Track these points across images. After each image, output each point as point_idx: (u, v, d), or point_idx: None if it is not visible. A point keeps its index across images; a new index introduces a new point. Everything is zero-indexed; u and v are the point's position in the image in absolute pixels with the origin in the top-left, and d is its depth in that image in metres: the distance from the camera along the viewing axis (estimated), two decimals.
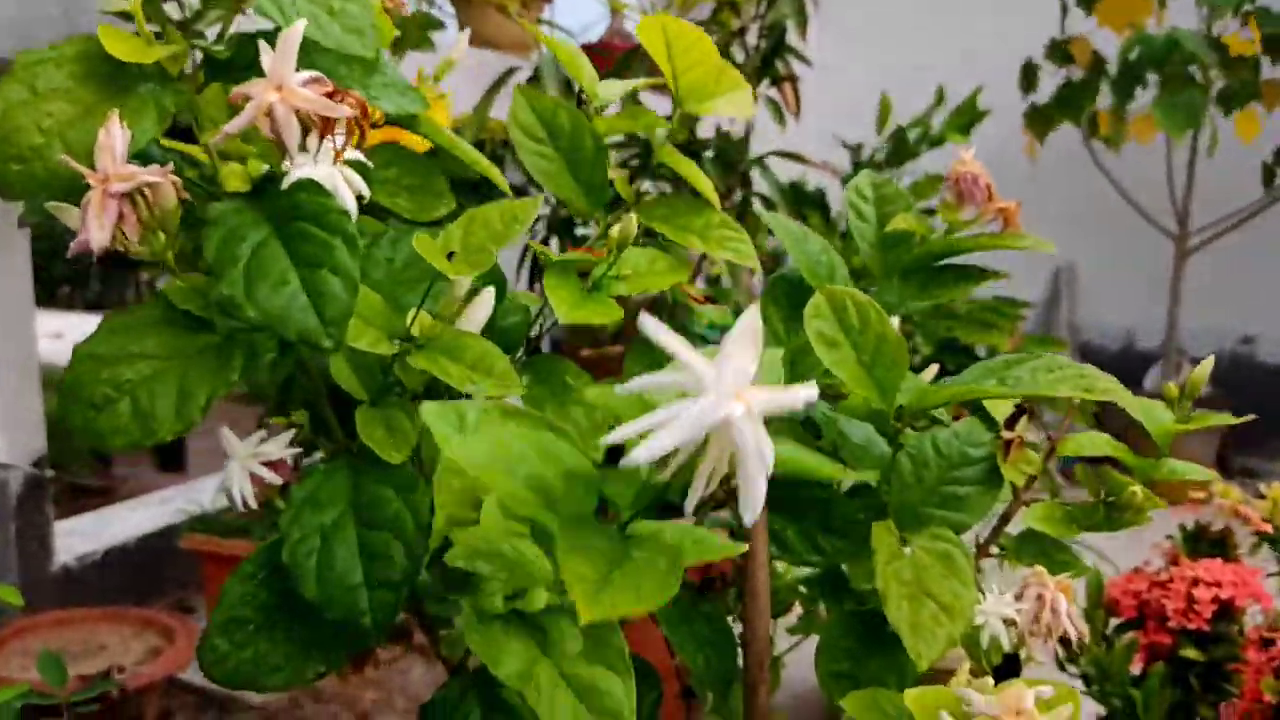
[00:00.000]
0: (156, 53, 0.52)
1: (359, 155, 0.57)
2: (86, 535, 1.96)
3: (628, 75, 1.49)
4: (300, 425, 0.63)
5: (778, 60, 2.13)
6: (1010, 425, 0.70)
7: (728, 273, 1.97)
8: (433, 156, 0.65)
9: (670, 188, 1.71)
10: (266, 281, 0.51)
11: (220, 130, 0.50)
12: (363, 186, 0.58)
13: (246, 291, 0.51)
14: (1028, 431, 0.70)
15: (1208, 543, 1.37)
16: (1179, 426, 0.68)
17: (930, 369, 0.81)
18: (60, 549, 1.84)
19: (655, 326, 0.35)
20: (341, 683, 1.66)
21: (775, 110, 2.19)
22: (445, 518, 0.54)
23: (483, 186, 0.74)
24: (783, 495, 0.72)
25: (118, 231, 0.51)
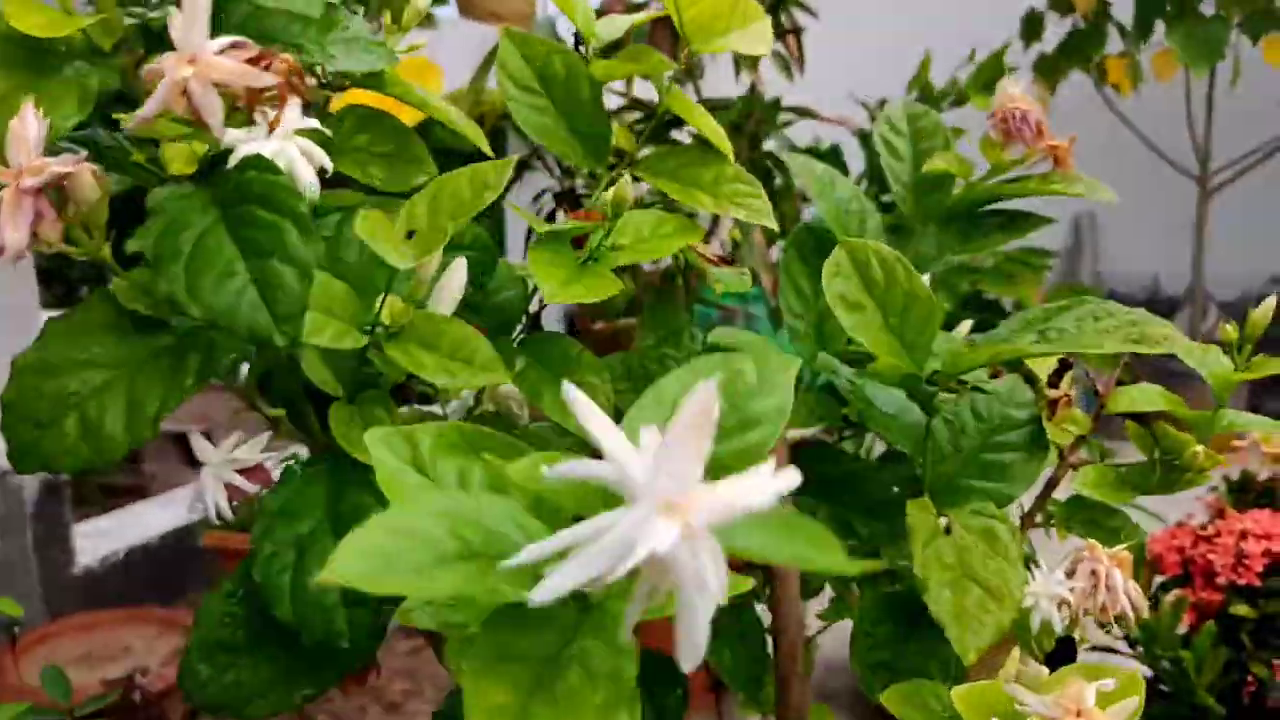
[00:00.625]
0: (76, 23, 0.47)
1: (314, 123, 0.51)
2: (108, 536, 1.92)
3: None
4: (278, 425, 0.58)
5: (781, 12, 2.05)
6: (1054, 382, 0.64)
7: (743, 240, 1.90)
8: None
9: None
10: (210, 274, 0.45)
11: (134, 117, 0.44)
12: (323, 158, 0.52)
13: (189, 287, 0.45)
14: (1072, 388, 0.64)
15: (1255, 493, 1.31)
16: (1241, 375, 0.62)
17: (963, 325, 0.75)
18: (81, 551, 1.81)
19: (579, 400, 0.28)
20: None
21: (782, 65, 2.11)
22: None
23: (477, 156, 0.68)
24: (810, 472, 0.66)
25: (37, 231, 0.46)
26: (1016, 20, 2.77)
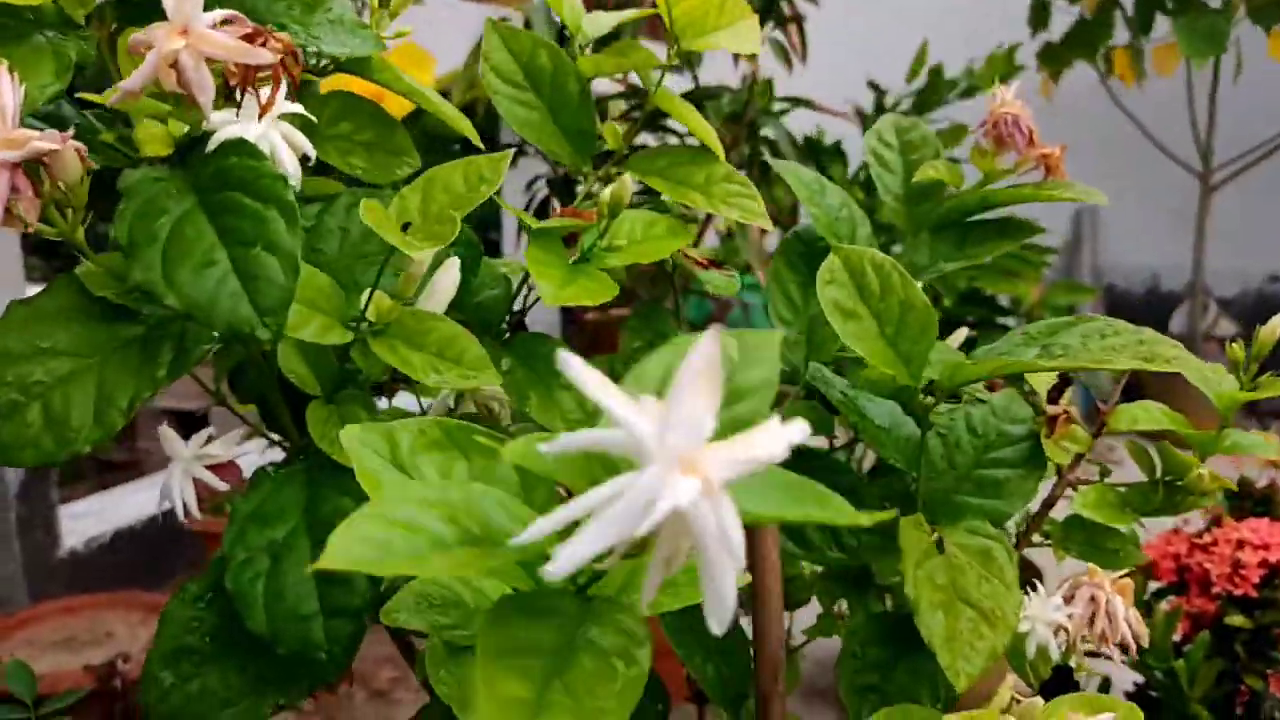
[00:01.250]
0: None
1: (298, 108, 0.49)
2: (94, 518, 1.90)
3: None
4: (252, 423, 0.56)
5: (782, 1, 2.02)
6: (1054, 398, 0.62)
7: (738, 230, 1.88)
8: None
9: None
10: (189, 262, 0.43)
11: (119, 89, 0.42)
12: (306, 145, 0.50)
13: (165, 275, 0.43)
14: (1072, 404, 0.62)
15: (1252, 500, 1.29)
16: (1246, 395, 0.60)
17: (959, 333, 0.73)
18: (67, 532, 1.79)
19: (575, 365, 0.27)
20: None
21: (782, 54, 2.08)
22: None
23: (467, 143, 0.66)
24: None
25: (13, 207, 0.43)
26: (1024, 8, 2.74)
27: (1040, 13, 2.76)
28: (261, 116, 0.44)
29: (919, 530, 0.56)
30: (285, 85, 0.46)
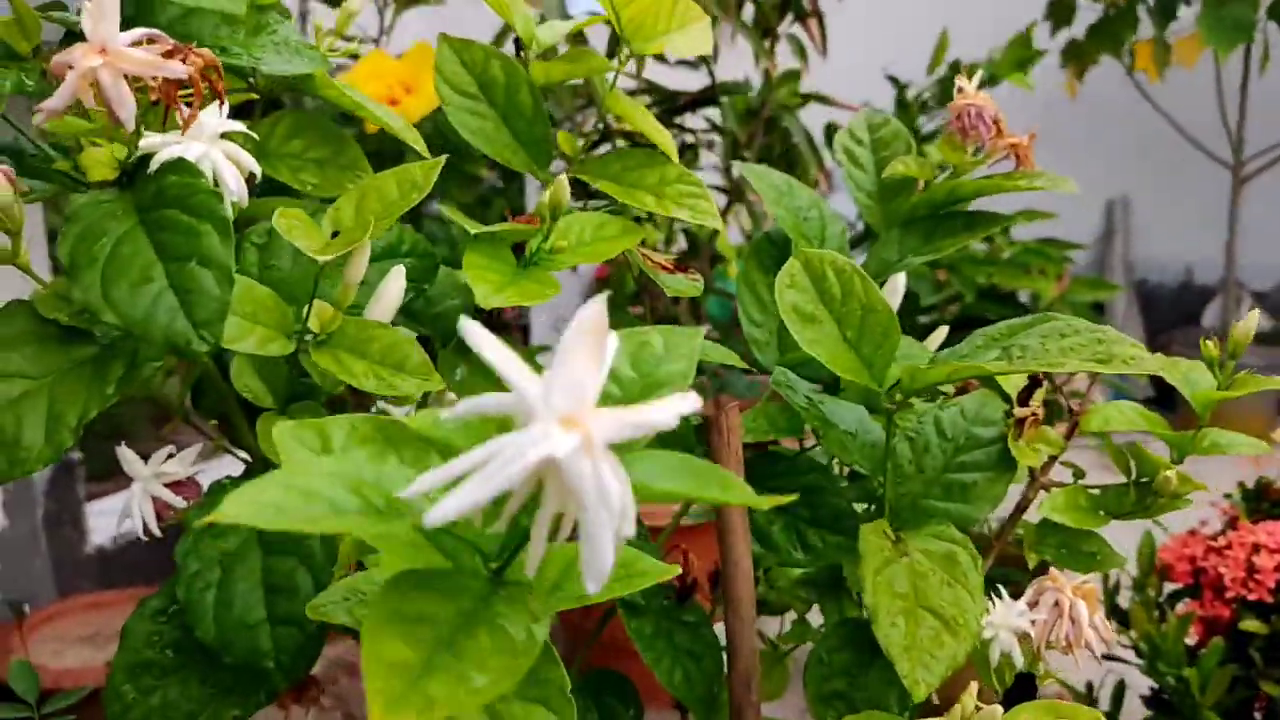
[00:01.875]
0: None
1: (240, 127, 0.49)
2: (122, 514, 1.93)
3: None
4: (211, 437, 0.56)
5: None
6: (1024, 399, 0.61)
7: (754, 224, 1.86)
8: (347, 122, 0.57)
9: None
10: (126, 280, 0.44)
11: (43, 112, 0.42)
12: (251, 163, 0.50)
13: (104, 294, 0.44)
14: (1044, 403, 0.61)
15: (1270, 503, 1.26)
16: (1221, 395, 0.58)
17: (937, 333, 0.72)
18: (94, 529, 1.82)
19: (475, 332, 0.28)
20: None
21: (799, 49, 2.07)
22: (351, 541, 0.46)
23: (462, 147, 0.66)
24: (768, 483, 0.64)
25: None
26: (1044, 3, 2.71)
27: (1061, 9, 2.72)
28: (185, 130, 0.45)
29: (879, 537, 0.55)
30: (225, 105, 0.47)
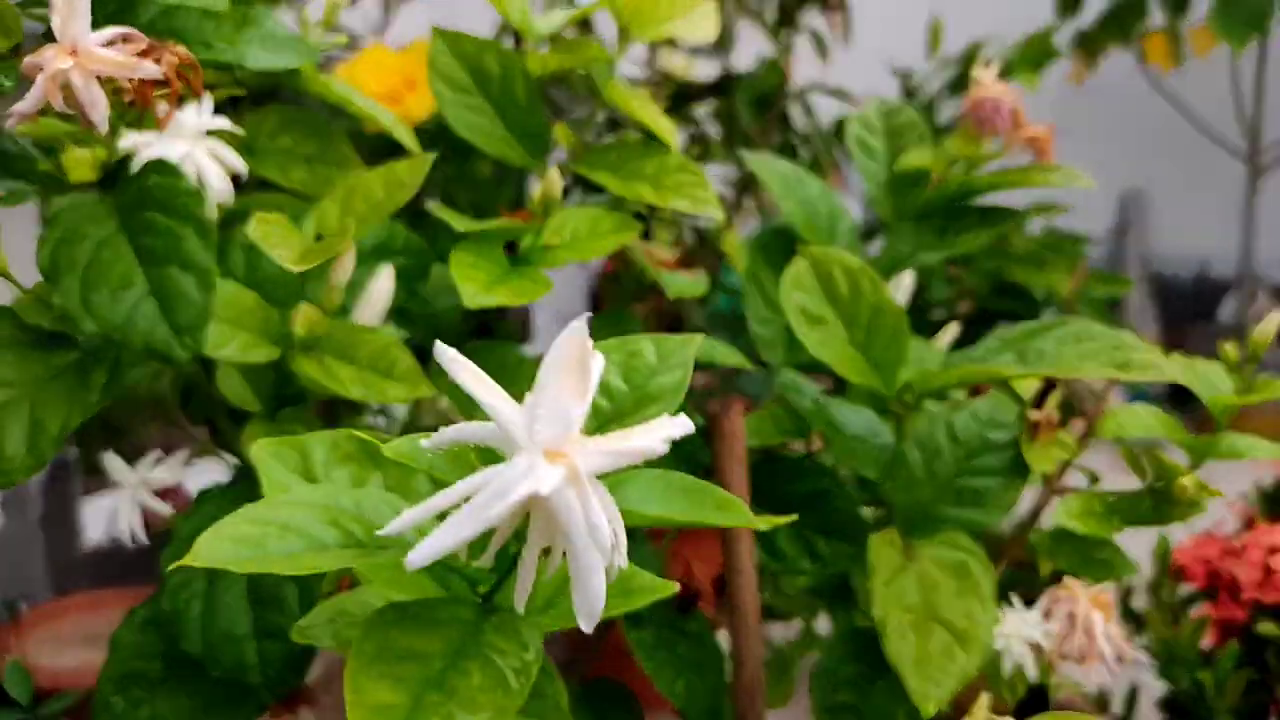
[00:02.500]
0: None
1: (226, 124, 0.48)
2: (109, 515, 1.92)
3: None
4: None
5: None
6: (1039, 402, 0.59)
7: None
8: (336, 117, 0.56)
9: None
10: (106, 286, 0.43)
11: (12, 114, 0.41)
12: (236, 162, 0.49)
13: (84, 301, 0.43)
14: (1066, 407, 0.59)
15: None
16: (1240, 400, 0.56)
17: (947, 331, 0.70)
18: (89, 528, 1.82)
19: (452, 358, 0.26)
20: None
21: (818, 43, 2.04)
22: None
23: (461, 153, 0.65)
24: (771, 489, 0.62)
25: None
26: None
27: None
28: (162, 129, 0.43)
29: (890, 547, 0.54)
30: (210, 102, 0.45)
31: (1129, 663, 0.54)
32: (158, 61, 0.40)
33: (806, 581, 0.67)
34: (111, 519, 0.54)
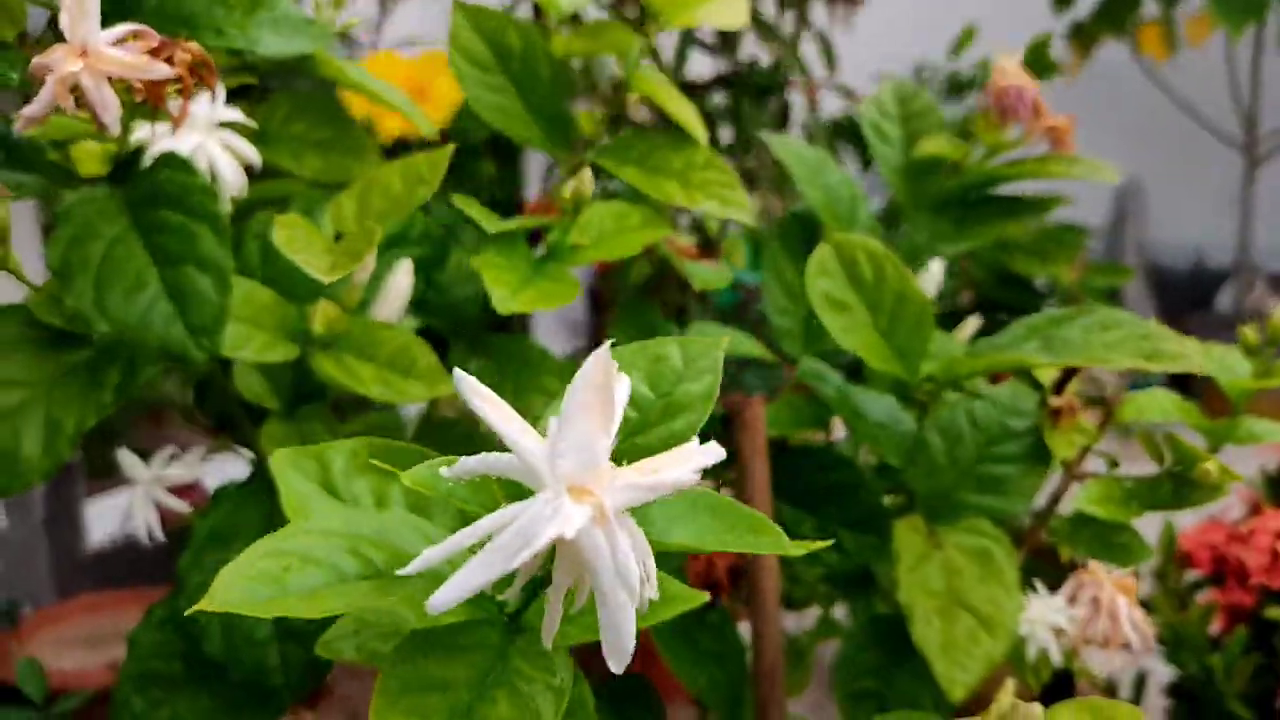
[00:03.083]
0: None
1: (238, 114, 0.47)
2: (120, 514, 1.91)
3: None
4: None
5: None
6: (1059, 388, 0.59)
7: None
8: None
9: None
10: (120, 286, 0.42)
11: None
12: (251, 153, 0.48)
13: (97, 301, 0.42)
14: (1079, 394, 0.59)
15: None
16: (1258, 384, 0.56)
17: (968, 323, 0.70)
18: (93, 529, 1.80)
19: (472, 387, 0.26)
20: None
21: (824, 48, 2.03)
22: None
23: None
24: (796, 481, 0.62)
25: None
26: None
27: None
28: (176, 128, 0.42)
29: (914, 533, 0.53)
30: (222, 91, 0.45)
31: (1149, 645, 0.53)
32: (169, 60, 0.39)
33: (821, 571, 0.66)
34: (125, 516, 0.54)
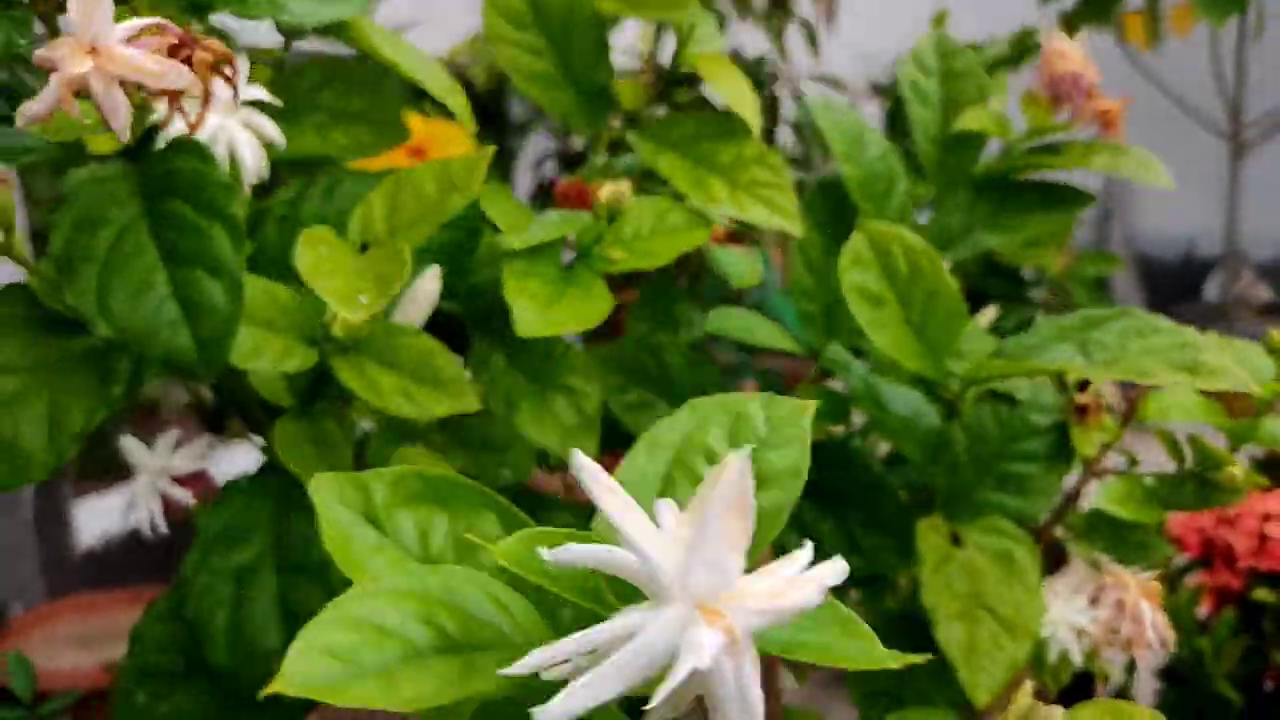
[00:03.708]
0: None
1: (261, 93, 0.45)
2: (110, 514, 1.88)
3: None
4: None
5: None
6: (1083, 384, 0.58)
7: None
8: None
9: None
10: (126, 286, 0.39)
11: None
12: (274, 133, 0.46)
13: (100, 300, 0.39)
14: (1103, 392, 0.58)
15: None
16: None
17: (985, 313, 0.69)
18: (83, 529, 1.78)
19: (590, 472, 0.24)
20: None
21: (808, 36, 2.02)
22: None
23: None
24: (814, 478, 0.60)
25: None
26: None
27: None
28: (193, 132, 0.39)
29: (937, 534, 0.53)
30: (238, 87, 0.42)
31: (1171, 648, 0.53)
32: (188, 60, 0.36)
33: None
34: (128, 508, 0.52)
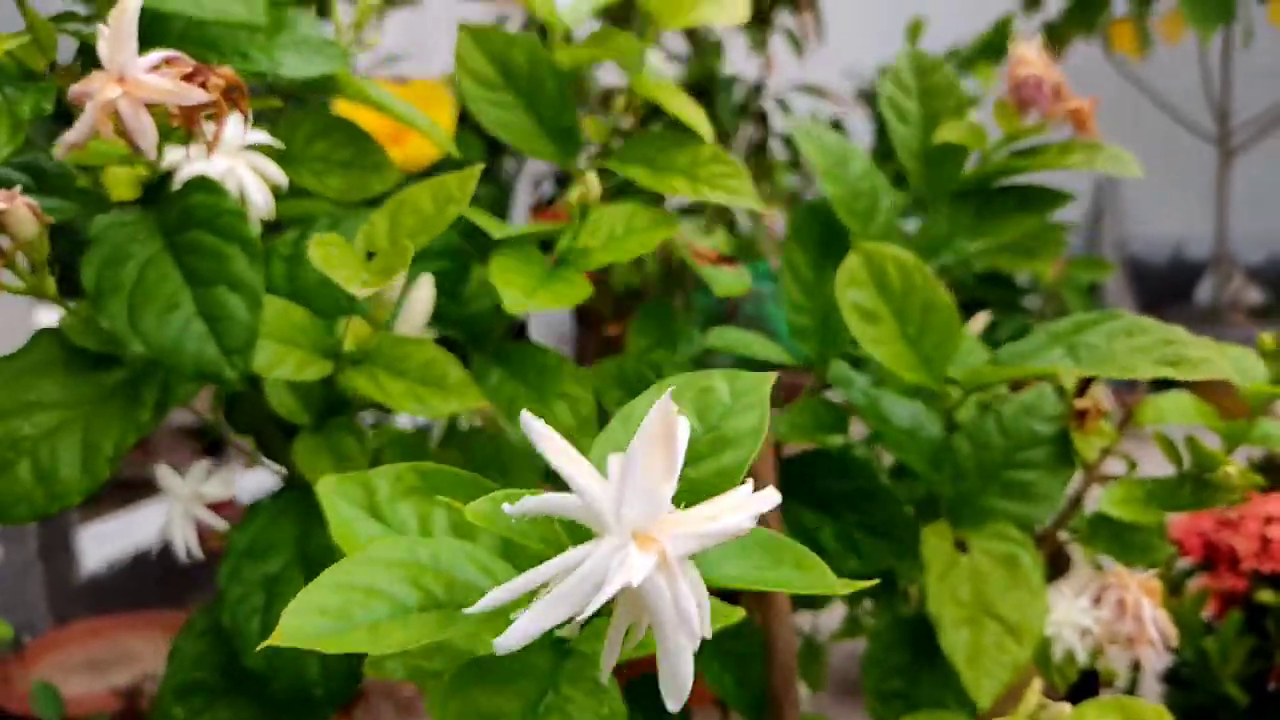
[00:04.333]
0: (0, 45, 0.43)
1: (265, 137, 0.48)
2: (114, 539, 1.90)
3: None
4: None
5: None
6: (1082, 390, 0.60)
7: (752, 217, 1.85)
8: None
9: None
10: (153, 308, 0.43)
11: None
12: (278, 174, 0.48)
13: (131, 322, 0.42)
14: (1101, 396, 0.60)
15: None
16: (1277, 390, 0.57)
17: (978, 318, 0.70)
18: (87, 554, 1.79)
19: (538, 430, 0.26)
20: None
21: (793, 42, 2.04)
22: None
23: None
24: (814, 486, 0.62)
25: None
26: None
27: None
28: (210, 153, 0.43)
29: (942, 540, 0.54)
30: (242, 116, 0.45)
31: (1172, 645, 0.54)
32: (204, 85, 0.40)
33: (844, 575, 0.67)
34: (163, 530, 0.54)
